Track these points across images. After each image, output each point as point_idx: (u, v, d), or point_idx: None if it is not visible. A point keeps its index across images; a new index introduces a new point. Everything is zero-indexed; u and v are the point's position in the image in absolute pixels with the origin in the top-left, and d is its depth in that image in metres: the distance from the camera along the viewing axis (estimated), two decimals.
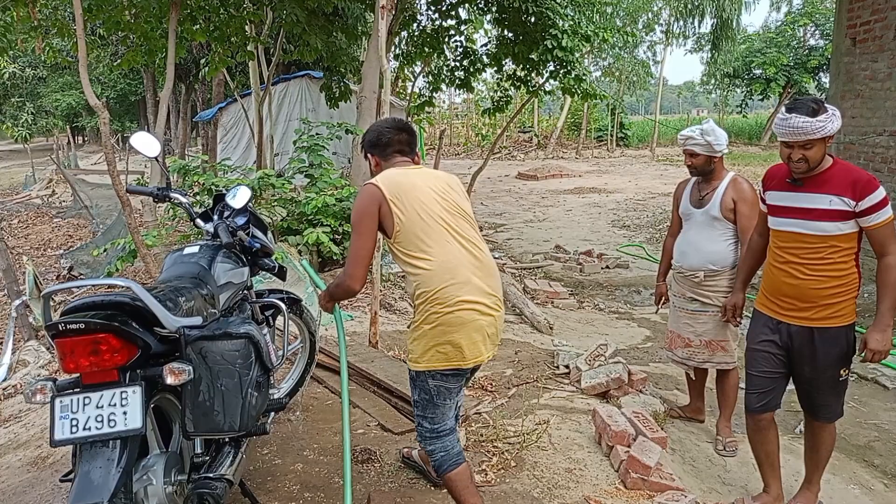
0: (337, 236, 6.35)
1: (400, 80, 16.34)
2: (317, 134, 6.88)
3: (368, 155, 2.78)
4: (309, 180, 6.76)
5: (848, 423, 4.24)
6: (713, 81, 29.14)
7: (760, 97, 28.52)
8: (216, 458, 2.37)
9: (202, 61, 14.30)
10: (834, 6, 8.34)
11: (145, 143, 2.94)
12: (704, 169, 3.66)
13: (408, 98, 11.96)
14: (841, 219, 2.71)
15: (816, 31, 26.32)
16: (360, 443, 3.38)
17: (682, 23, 23.37)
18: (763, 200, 2.98)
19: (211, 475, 2.26)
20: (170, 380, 2.03)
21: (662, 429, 3.62)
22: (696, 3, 22.01)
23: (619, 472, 3.21)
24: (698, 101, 55.27)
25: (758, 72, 26.44)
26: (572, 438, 3.57)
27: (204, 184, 6.16)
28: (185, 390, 2.12)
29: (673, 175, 20.09)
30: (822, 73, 26.12)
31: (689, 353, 3.81)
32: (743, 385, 4.11)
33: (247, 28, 9.41)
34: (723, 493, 3.33)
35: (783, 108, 2.79)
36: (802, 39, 26.94)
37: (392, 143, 2.71)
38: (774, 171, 2.95)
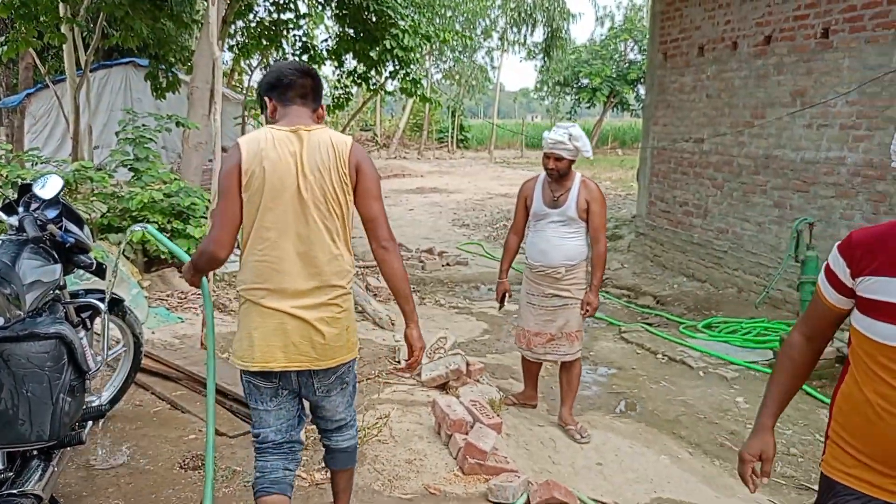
0: (165, 233, 5.97)
1: (236, 73, 15.66)
2: (143, 125, 6.43)
3: (265, 99, 2.34)
4: (133, 174, 6.30)
5: (659, 401, 4.68)
6: (546, 88, 30.85)
7: (588, 105, 30.63)
8: (22, 472, 2.13)
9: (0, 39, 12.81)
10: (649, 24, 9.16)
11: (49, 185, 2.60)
12: (565, 172, 3.77)
13: (244, 92, 11.51)
14: None
15: (635, 47, 28.68)
16: (193, 448, 3.20)
17: (516, 30, 24.51)
18: (842, 286, 1.64)
19: (15, 492, 2.03)
20: None
21: (498, 415, 3.78)
22: (529, 13, 23.20)
23: (457, 459, 3.31)
24: (533, 107, 58.25)
25: (585, 81, 28.32)
26: (413, 430, 3.62)
27: (7, 175, 5.54)
28: None
29: (509, 177, 20.98)
30: (639, 85, 28.47)
31: (551, 347, 3.96)
32: (618, 411, 4.43)
33: (60, 7, 8.58)
34: (553, 472, 3.53)
35: None
36: (623, 53, 29.24)
37: (294, 85, 2.30)
38: (879, 235, 1.58)
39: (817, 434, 4.21)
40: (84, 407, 2.49)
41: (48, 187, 2.68)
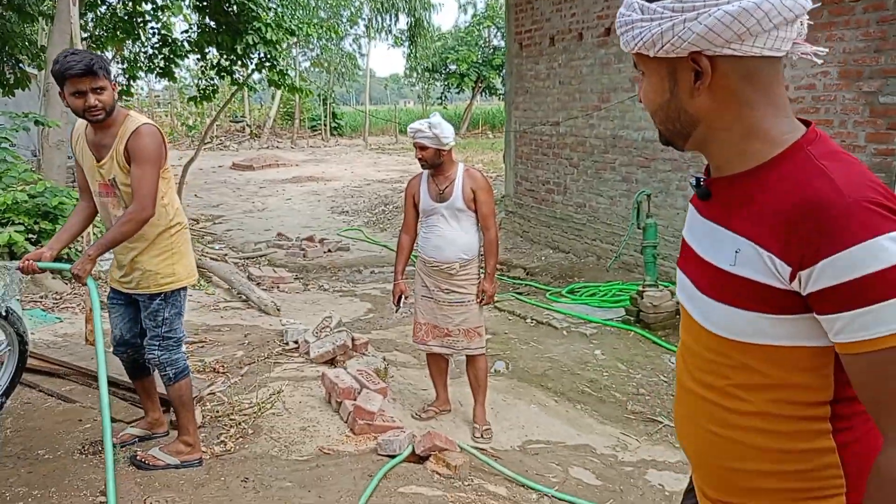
0: (32, 235, 5.81)
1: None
2: None
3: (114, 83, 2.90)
4: None
5: (529, 359, 5.20)
6: (415, 75, 31.31)
7: (457, 90, 31.42)
8: None
9: None
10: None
11: None
12: (434, 161, 3.73)
13: None
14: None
15: (498, 33, 29.70)
16: (90, 436, 3.31)
17: (381, 19, 24.73)
18: None
19: None
20: None
21: (384, 382, 4.12)
22: (392, 2, 23.48)
23: (347, 422, 3.62)
24: (404, 92, 58.66)
25: (453, 67, 29.06)
26: (305, 402, 3.89)
27: None
28: None
29: (385, 163, 21.27)
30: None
31: (448, 342, 3.89)
32: (492, 371, 4.70)
33: None
34: (435, 427, 3.92)
35: None
36: (487, 39, 30.21)
37: None
38: None
39: (661, 376, 4.88)
40: None
41: None
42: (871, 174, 1.01)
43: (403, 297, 4.03)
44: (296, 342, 4.86)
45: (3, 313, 3.29)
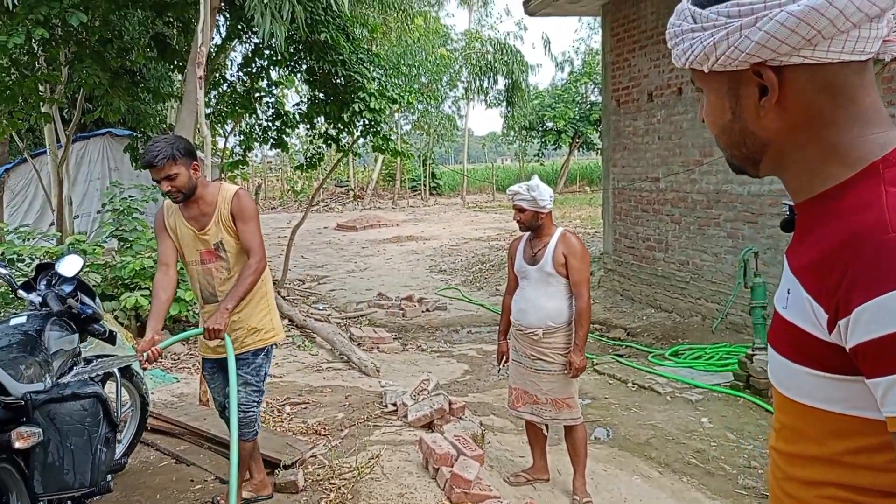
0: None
1: (197, 128, 16.08)
2: (129, 196, 6.77)
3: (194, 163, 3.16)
4: (122, 243, 6.62)
5: (630, 426, 5.02)
6: (512, 133, 31.74)
7: (554, 147, 31.54)
8: None
9: None
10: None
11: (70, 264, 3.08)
12: (532, 224, 3.73)
13: (220, 154, 11.90)
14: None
15: (595, 89, 29.77)
16: (200, 497, 3.48)
17: (479, 81, 25.40)
18: None
19: None
20: (18, 444, 2.11)
21: (481, 448, 4.09)
22: (490, 66, 24.11)
23: (444, 490, 3.61)
24: (501, 150, 59.47)
25: (550, 124, 29.27)
26: (402, 467, 3.92)
27: (3, 253, 5.82)
28: (34, 453, 2.20)
29: (482, 221, 21.51)
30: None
31: (536, 409, 3.82)
32: (592, 438, 4.56)
33: (41, 88, 8.96)
34: (533, 497, 3.84)
35: None
36: (585, 96, 30.32)
37: None
38: None
39: None
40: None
41: (70, 266, 3.03)
42: None
43: (505, 358, 4.02)
44: (394, 404, 4.93)
45: (129, 374, 3.56)
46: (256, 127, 10.56)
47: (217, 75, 9.51)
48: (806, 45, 0.83)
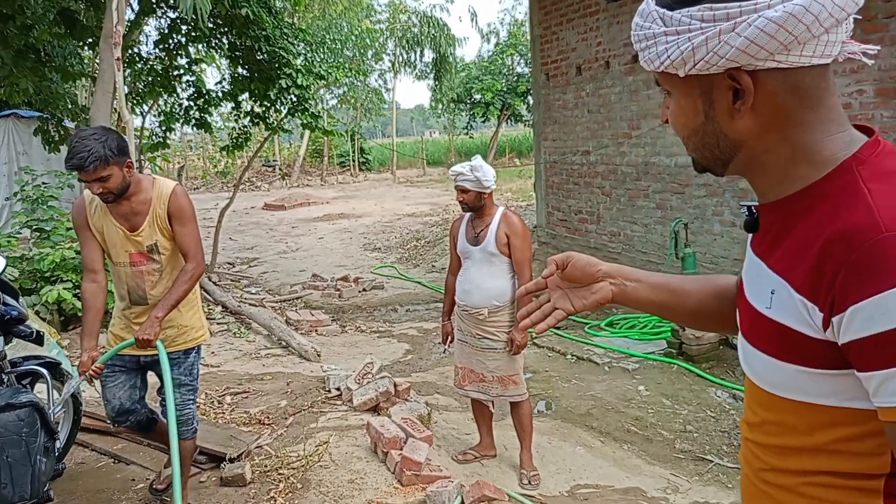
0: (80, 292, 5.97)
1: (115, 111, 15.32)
2: (43, 184, 6.38)
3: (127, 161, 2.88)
4: (39, 234, 6.25)
5: (571, 398, 5.14)
6: (440, 106, 31.58)
7: (483, 119, 31.58)
8: None
9: None
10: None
11: None
12: (475, 204, 3.74)
13: (137, 136, 11.36)
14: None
15: (521, 61, 29.89)
16: (144, 496, 3.36)
17: (406, 54, 25.12)
18: None
19: None
20: None
21: (428, 429, 4.11)
22: (417, 40, 23.86)
23: (395, 473, 3.61)
24: (430, 123, 59.26)
25: (478, 97, 29.23)
26: (351, 452, 3.90)
27: None
28: None
29: (414, 196, 21.43)
30: (530, 97, 29.75)
31: (483, 387, 3.87)
32: (537, 410, 4.65)
33: None
34: (482, 474, 3.89)
35: None
36: (511, 68, 30.40)
37: None
38: None
39: (709, 411, 4.78)
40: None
41: None
42: None
43: (450, 337, 4.09)
44: (338, 389, 4.89)
45: (60, 374, 3.38)
46: (177, 106, 10.11)
47: (132, 51, 9.02)
48: (781, 50, 0.85)
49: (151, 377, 3.20)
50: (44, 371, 3.08)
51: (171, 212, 2.96)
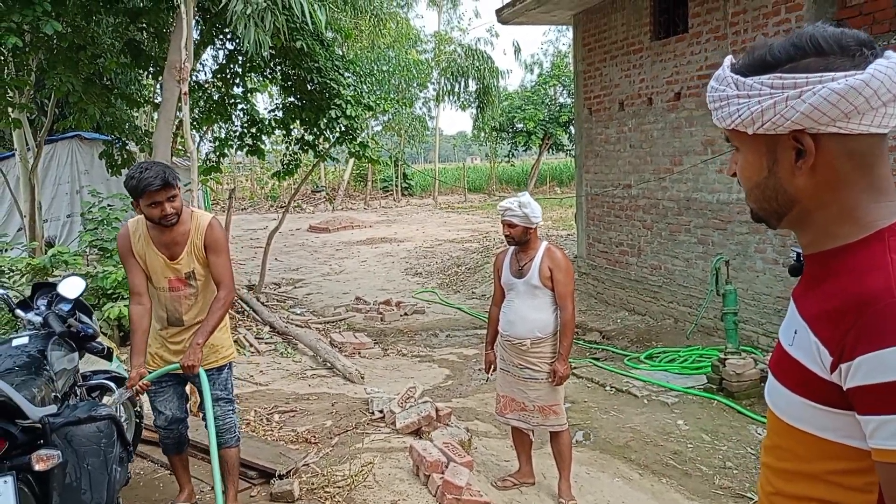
0: None
1: (180, 138, 15.96)
2: (109, 206, 6.74)
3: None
4: (102, 253, 6.60)
5: (610, 429, 5.19)
6: (482, 135, 31.93)
7: (524, 148, 31.81)
8: None
9: None
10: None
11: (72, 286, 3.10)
12: (521, 239, 3.83)
13: (188, 157, 11.82)
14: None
15: (564, 91, 30.10)
16: None
17: (450, 84, 25.57)
18: None
19: None
20: (38, 466, 2.17)
21: (469, 454, 4.22)
22: (462, 70, 24.30)
23: (436, 496, 3.73)
24: (472, 150, 59.70)
25: (520, 126, 29.49)
26: (394, 474, 4.03)
27: None
28: (52, 475, 2.26)
29: (455, 222, 21.64)
30: (571, 127, 29.87)
31: (524, 416, 3.95)
32: (575, 440, 4.72)
33: (10, 93, 8.82)
34: (521, 501, 3.98)
35: None
36: (554, 98, 30.63)
37: None
38: None
39: (749, 448, 4.78)
40: None
41: (71, 287, 3.08)
42: None
43: (493, 366, 4.17)
44: (381, 411, 5.03)
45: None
46: (231, 133, 10.52)
47: (190, 80, 9.46)
48: (842, 118, 0.97)
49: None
50: (112, 385, 3.30)
51: (206, 243, 3.23)
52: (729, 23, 6.79)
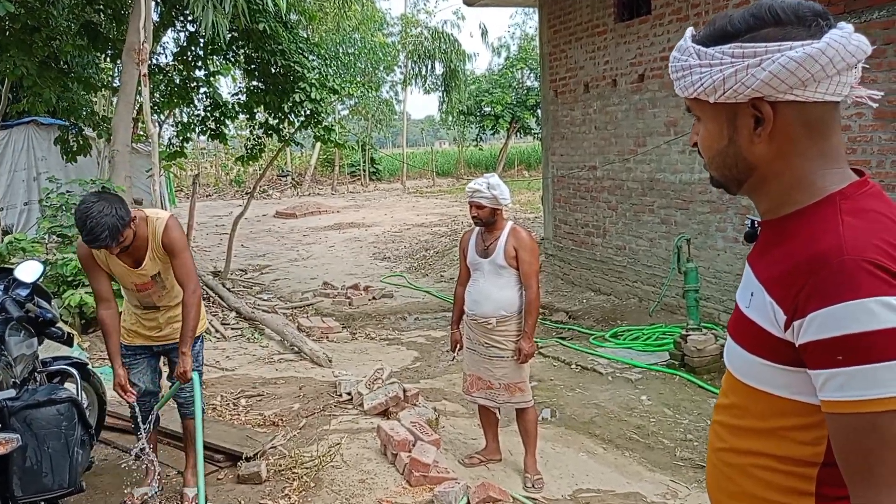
0: None
1: (140, 123, 15.65)
2: (68, 192, 6.60)
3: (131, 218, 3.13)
4: (62, 240, 6.47)
5: (575, 406, 5.29)
6: (450, 119, 31.87)
7: (492, 131, 31.83)
8: None
9: None
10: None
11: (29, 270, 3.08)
12: (489, 220, 3.86)
13: (149, 141, 11.61)
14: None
15: (531, 74, 30.16)
16: (165, 492, 3.53)
17: (417, 67, 25.45)
18: None
19: None
20: None
21: (436, 433, 4.26)
22: (428, 53, 24.19)
23: (404, 474, 3.77)
24: (440, 134, 59.53)
25: (487, 109, 29.50)
26: (362, 454, 4.06)
27: None
28: (12, 458, 2.24)
29: (424, 206, 21.62)
30: (538, 110, 29.98)
31: (490, 394, 4.01)
32: (541, 418, 4.81)
33: None
34: (487, 476, 4.04)
35: None
36: (521, 81, 30.66)
37: None
38: None
39: (709, 421, 4.90)
40: None
41: (29, 272, 3.03)
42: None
43: (459, 345, 4.22)
44: (349, 394, 5.05)
45: (87, 374, 3.57)
46: (194, 117, 10.35)
47: (151, 63, 9.26)
48: (800, 86, 1.01)
49: None
50: (73, 370, 3.27)
51: (165, 246, 3.27)
52: (691, 4, 6.87)
